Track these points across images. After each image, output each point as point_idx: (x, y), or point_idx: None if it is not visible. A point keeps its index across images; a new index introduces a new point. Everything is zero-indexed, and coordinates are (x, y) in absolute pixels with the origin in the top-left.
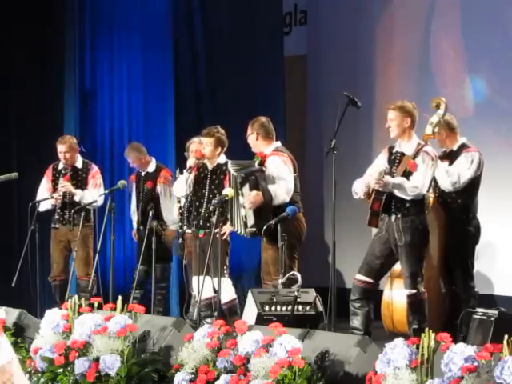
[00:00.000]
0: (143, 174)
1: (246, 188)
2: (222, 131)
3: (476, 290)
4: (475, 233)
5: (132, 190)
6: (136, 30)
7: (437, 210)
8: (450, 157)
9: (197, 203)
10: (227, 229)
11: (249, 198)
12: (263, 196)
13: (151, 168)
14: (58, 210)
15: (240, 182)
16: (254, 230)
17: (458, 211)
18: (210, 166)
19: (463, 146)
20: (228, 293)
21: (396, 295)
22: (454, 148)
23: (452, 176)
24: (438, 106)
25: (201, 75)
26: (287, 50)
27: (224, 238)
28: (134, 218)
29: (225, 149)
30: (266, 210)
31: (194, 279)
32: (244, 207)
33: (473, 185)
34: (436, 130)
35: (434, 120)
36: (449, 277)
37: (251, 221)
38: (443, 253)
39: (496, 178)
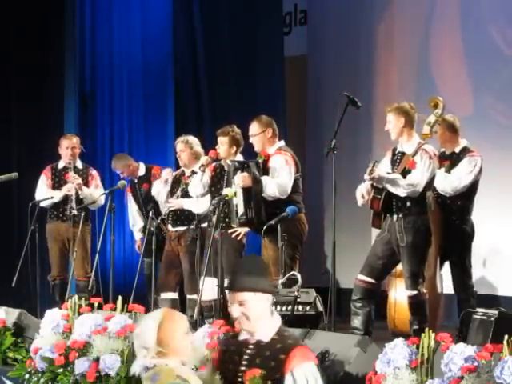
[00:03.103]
0: (136, 180)
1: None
2: (238, 130)
3: (475, 289)
4: (471, 232)
5: (130, 202)
6: (136, 29)
7: (434, 210)
8: (452, 159)
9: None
10: (243, 230)
11: (238, 177)
12: (253, 181)
13: (142, 172)
14: (74, 205)
15: (233, 169)
16: (244, 218)
17: (458, 212)
18: (226, 167)
19: (466, 150)
20: None
21: (399, 295)
22: (457, 150)
23: (452, 181)
24: (435, 106)
25: (201, 75)
26: (287, 50)
27: (239, 238)
28: (136, 228)
29: (241, 148)
30: (255, 199)
31: (207, 280)
32: (235, 195)
33: (473, 188)
34: (434, 129)
35: (432, 120)
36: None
37: (241, 209)
38: (440, 253)
39: (498, 178)
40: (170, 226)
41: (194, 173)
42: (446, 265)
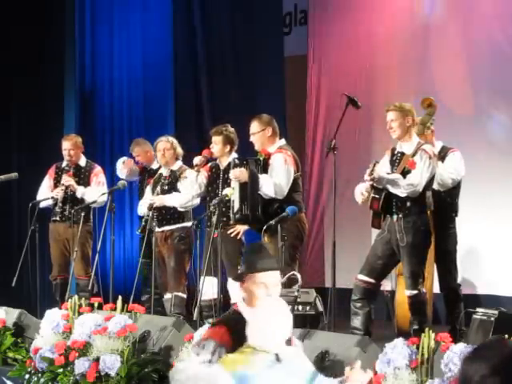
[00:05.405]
0: (150, 169)
1: None
2: (232, 129)
3: (461, 288)
4: (455, 230)
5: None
6: (136, 29)
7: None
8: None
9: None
10: (241, 228)
11: (234, 172)
12: (249, 178)
13: (155, 165)
14: (60, 204)
15: (233, 166)
16: (239, 214)
17: (448, 211)
18: (221, 166)
19: (444, 148)
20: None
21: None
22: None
23: (451, 174)
24: (430, 106)
25: (201, 75)
26: (287, 50)
27: (239, 237)
28: (142, 209)
29: (235, 147)
30: (251, 196)
31: (207, 279)
32: (233, 190)
33: (459, 184)
34: (428, 131)
35: (426, 120)
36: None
37: (237, 205)
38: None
39: (496, 178)
40: (154, 226)
41: (172, 172)
42: None
